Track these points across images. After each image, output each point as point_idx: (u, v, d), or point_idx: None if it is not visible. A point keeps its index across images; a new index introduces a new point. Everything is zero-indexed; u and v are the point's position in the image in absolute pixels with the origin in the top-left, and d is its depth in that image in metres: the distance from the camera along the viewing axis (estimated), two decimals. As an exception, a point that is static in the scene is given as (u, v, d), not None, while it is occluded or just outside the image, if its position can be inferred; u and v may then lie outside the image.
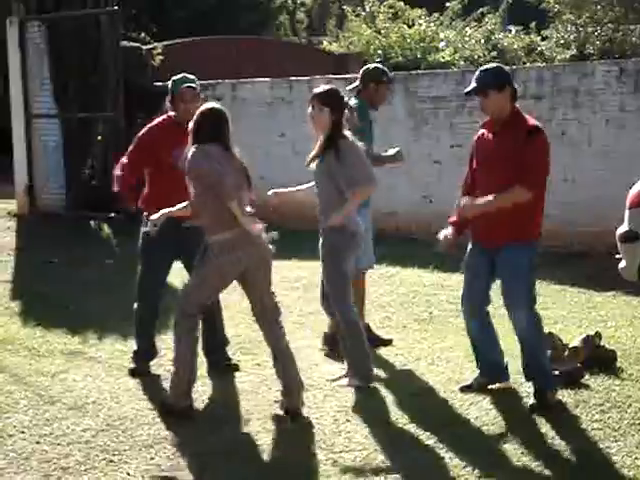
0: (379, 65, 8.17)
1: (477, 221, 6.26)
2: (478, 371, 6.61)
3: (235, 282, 6.27)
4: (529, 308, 6.23)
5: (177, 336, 6.22)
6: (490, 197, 6.05)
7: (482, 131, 6.39)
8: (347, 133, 6.52)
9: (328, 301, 6.77)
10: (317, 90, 6.62)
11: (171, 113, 7.12)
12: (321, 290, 6.89)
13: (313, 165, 6.59)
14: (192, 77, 7.05)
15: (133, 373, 7.10)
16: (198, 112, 6.12)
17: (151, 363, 7.26)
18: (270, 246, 6.15)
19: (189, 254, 6.56)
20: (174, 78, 7.04)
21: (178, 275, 7.35)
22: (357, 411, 6.26)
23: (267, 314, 6.28)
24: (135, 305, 7.18)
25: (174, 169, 6.43)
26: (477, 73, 6.33)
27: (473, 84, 6.28)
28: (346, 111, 6.57)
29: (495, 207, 6.05)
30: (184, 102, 6.90)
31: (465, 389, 6.52)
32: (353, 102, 7.21)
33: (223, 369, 7.16)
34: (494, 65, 6.57)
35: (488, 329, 6.50)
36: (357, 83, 7.78)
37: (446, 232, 6.42)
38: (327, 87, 6.70)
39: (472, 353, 6.65)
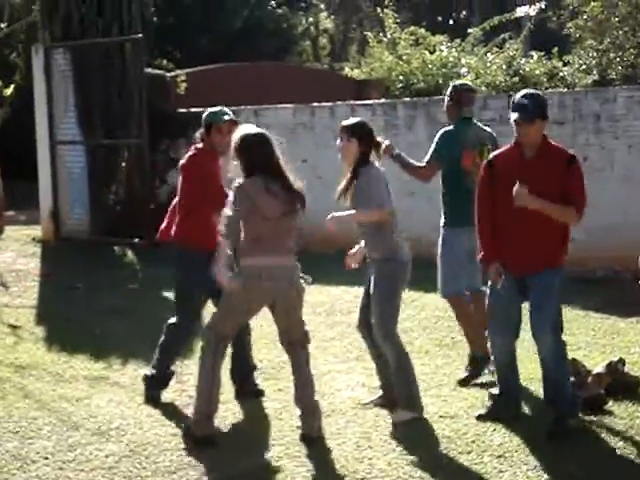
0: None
1: (512, 250, 6.25)
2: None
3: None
4: (555, 333, 6.22)
5: (201, 363, 6.25)
6: (549, 204, 6.05)
7: (505, 153, 6.37)
8: (373, 162, 6.56)
9: (368, 328, 6.73)
10: (345, 122, 6.65)
11: (200, 145, 7.09)
12: (360, 312, 6.82)
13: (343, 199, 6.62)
14: (228, 110, 7.07)
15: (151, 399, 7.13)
16: (243, 140, 6.15)
17: (175, 389, 7.28)
18: (304, 284, 6.21)
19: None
20: (211, 110, 7.03)
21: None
22: (379, 437, 6.25)
23: (294, 343, 6.33)
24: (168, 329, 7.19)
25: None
26: (520, 99, 6.20)
27: (522, 112, 6.12)
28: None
29: (548, 212, 6.06)
30: (222, 134, 6.85)
31: (482, 417, 6.50)
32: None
33: (248, 395, 7.18)
34: (536, 92, 6.48)
35: (515, 362, 6.53)
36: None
37: (498, 268, 6.30)
38: (355, 119, 6.74)
39: (496, 381, 6.64)
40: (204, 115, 7.07)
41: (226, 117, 6.95)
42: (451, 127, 7.71)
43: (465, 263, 7.41)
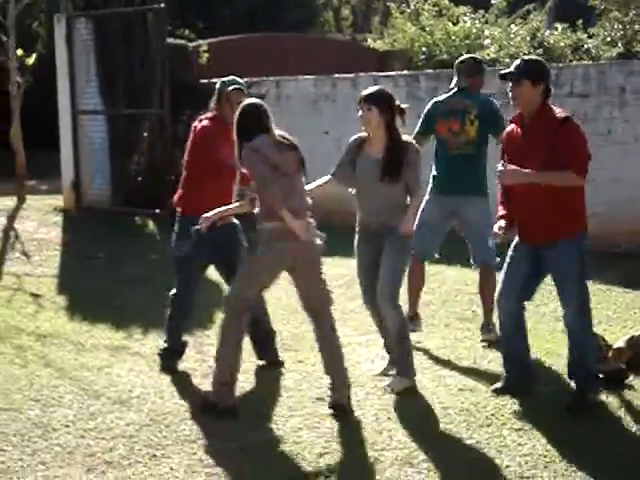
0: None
1: (523, 218, 6.24)
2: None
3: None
4: (579, 305, 6.17)
5: (222, 332, 6.23)
6: (540, 173, 5.99)
7: (512, 126, 6.37)
8: (409, 139, 6.57)
9: (372, 296, 6.75)
10: (364, 92, 6.62)
11: (212, 113, 7.16)
12: (370, 290, 6.82)
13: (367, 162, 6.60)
14: (240, 80, 7.09)
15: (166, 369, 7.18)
16: (238, 110, 6.21)
17: (196, 359, 7.32)
18: (319, 242, 6.18)
19: (227, 252, 6.63)
20: (223, 79, 7.08)
21: (217, 269, 7.37)
22: (399, 409, 6.26)
23: (316, 306, 6.30)
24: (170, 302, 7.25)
25: (227, 168, 6.52)
26: (518, 60, 6.34)
27: (510, 69, 6.29)
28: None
29: (542, 181, 6.00)
30: (231, 103, 6.90)
31: (497, 391, 6.49)
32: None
33: (269, 365, 7.21)
34: (536, 58, 6.58)
35: (522, 331, 6.46)
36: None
37: (500, 224, 6.33)
38: (374, 88, 6.70)
39: (501, 352, 6.64)
40: (217, 85, 7.09)
41: (234, 86, 6.98)
42: (434, 99, 8.07)
43: (428, 229, 7.70)
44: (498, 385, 6.53)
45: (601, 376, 6.43)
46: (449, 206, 7.72)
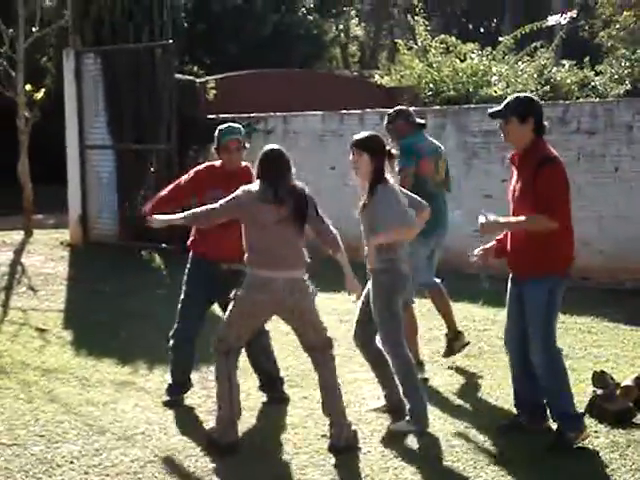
0: None
1: (507, 252, 6.30)
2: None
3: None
4: (546, 350, 6.11)
5: (216, 372, 6.28)
6: (511, 218, 6.08)
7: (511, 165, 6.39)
8: (388, 177, 6.52)
9: (365, 336, 6.74)
10: (356, 136, 6.63)
11: (217, 162, 7.27)
12: (357, 325, 6.83)
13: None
14: (237, 126, 7.19)
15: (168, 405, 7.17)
16: (261, 153, 6.29)
17: (200, 395, 7.30)
18: (310, 292, 6.19)
19: (225, 295, 6.65)
20: (220, 128, 7.14)
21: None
22: (405, 447, 6.22)
23: (313, 349, 6.30)
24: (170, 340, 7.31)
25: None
26: (508, 98, 6.31)
27: (500, 107, 6.27)
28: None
29: (515, 228, 6.07)
30: (229, 153, 7.04)
31: (502, 428, 6.43)
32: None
33: (274, 402, 7.20)
34: (527, 95, 6.53)
35: (529, 369, 6.37)
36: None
37: (483, 247, 6.38)
38: (366, 133, 6.68)
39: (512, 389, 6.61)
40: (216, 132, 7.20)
41: (230, 136, 7.06)
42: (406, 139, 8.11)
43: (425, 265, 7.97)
44: (504, 422, 6.48)
45: (583, 413, 6.37)
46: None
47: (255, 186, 6.15)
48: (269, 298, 6.08)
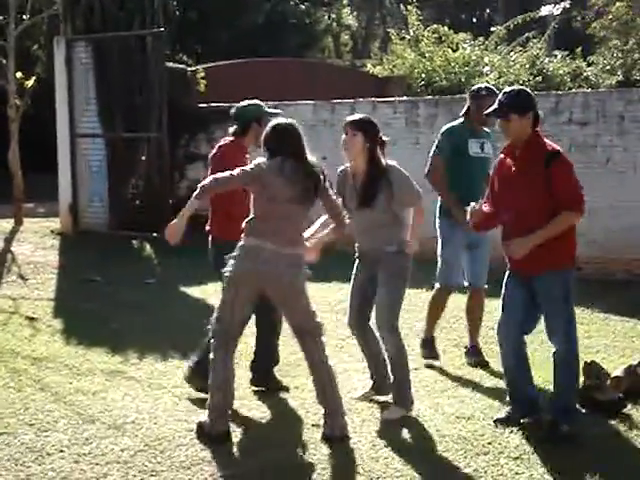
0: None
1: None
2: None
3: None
4: (567, 340, 6.13)
5: (213, 359, 6.20)
6: (540, 231, 5.96)
7: (501, 156, 6.34)
8: (389, 162, 6.55)
9: (363, 320, 6.75)
10: (350, 117, 6.65)
11: (230, 139, 7.15)
12: (356, 310, 6.84)
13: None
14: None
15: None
16: (268, 128, 6.28)
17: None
18: (304, 273, 6.15)
19: None
20: (247, 104, 7.13)
21: (215, 294, 7.34)
22: (395, 437, 6.21)
23: (302, 335, 6.23)
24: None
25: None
26: (500, 95, 6.28)
27: (495, 106, 6.24)
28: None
29: (546, 238, 5.98)
30: (258, 134, 6.78)
31: (499, 421, 6.43)
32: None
33: (270, 390, 7.19)
34: (518, 88, 6.48)
35: (523, 362, 6.39)
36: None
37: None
38: (361, 115, 6.75)
39: (505, 385, 6.60)
40: (243, 109, 7.13)
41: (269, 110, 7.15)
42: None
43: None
44: (500, 415, 6.48)
45: (582, 408, 6.40)
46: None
47: (272, 161, 6.07)
48: (260, 267, 5.99)
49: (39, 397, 7.03)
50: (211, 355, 6.23)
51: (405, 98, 14.66)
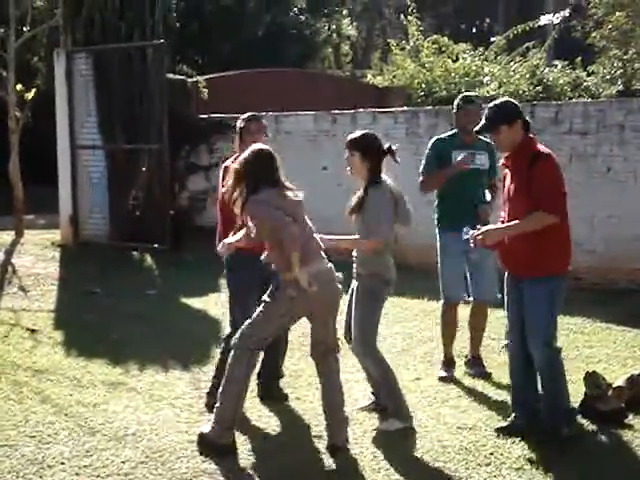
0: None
1: (502, 253, 6.31)
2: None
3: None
4: (544, 345, 6.15)
5: (231, 372, 6.08)
6: (512, 223, 6.06)
7: (504, 168, 6.39)
8: (384, 178, 6.50)
9: (348, 332, 6.77)
10: (350, 135, 6.60)
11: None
12: (347, 323, 6.82)
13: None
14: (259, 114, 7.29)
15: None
16: (247, 153, 6.11)
17: (192, 395, 7.28)
18: (339, 285, 6.13)
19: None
20: (242, 117, 7.20)
21: (216, 306, 7.33)
22: (397, 447, 6.20)
23: (326, 351, 6.21)
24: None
25: None
26: (487, 110, 6.31)
27: (483, 121, 6.29)
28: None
29: (517, 232, 6.04)
30: (251, 134, 7.02)
31: (501, 431, 6.42)
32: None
33: (272, 399, 7.19)
34: (502, 100, 6.54)
35: (526, 367, 6.38)
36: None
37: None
38: (360, 132, 6.62)
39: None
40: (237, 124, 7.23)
41: (252, 119, 7.18)
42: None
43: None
44: (502, 425, 6.47)
45: (579, 413, 6.41)
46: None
47: (265, 192, 5.92)
48: (318, 291, 5.89)
49: (40, 409, 7.02)
50: (228, 366, 6.14)
51: (405, 108, 14.67)
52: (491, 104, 6.37)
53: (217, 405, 6.14)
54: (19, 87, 14.96)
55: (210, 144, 14.72)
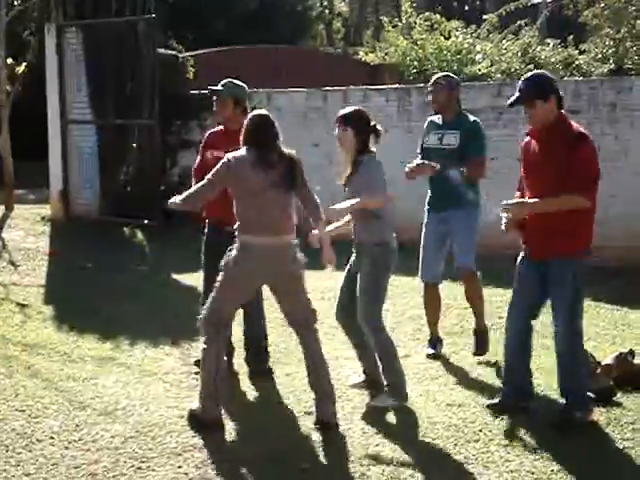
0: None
1: (527, 233, 6.22)
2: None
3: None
4: (571, 324, 6.13)
5: (205, 350, 6.16)
6: (542, 200, 5.98)
7: (527, 139, 6.30)
8: (373, 150, 6.53)
9: (350, 314, 6.72)
10: (341, 112, 6.61)
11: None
12: (340, 302, 6.85)
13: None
14: (229, 82, 7.38)
15: None
16: (248, 119, 6.26)
17: (182, 370, 7.30)
18: (300, 259, 6.14)
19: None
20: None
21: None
22: (386, 424, 6.22)
23: (299, 324, 6.26)
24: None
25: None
26: (521, 82, 6.21)
27: (517, 94, 6.18)
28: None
29: (546, 209, 5.99)
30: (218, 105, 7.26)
31: (492, 407, 6.45)
32: None
33: (258, 374, 7.21)
34: (538, 73, 6.47)
35: (524, 347, 6.40)
36: None
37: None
38: (351, 109, 6.66)
39: (502, 368, 6.61)
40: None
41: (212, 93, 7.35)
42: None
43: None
44: (494, 401, 6.48)
45: (591, 395, 6.38)
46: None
47: (243, 151, 6.07)
48: (261, 265, 6.01)
49: (30, 384, 7.02)
50: (202, 345, 6.21)
51: (397, 86, 14.64)
52: (527, 76, 6.29)
53: (200, 382, 6.19)
54: (9, 61, 14.88)
55: (201, 119, 14.67)
